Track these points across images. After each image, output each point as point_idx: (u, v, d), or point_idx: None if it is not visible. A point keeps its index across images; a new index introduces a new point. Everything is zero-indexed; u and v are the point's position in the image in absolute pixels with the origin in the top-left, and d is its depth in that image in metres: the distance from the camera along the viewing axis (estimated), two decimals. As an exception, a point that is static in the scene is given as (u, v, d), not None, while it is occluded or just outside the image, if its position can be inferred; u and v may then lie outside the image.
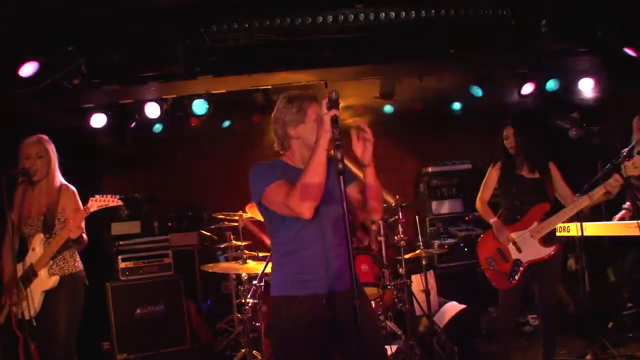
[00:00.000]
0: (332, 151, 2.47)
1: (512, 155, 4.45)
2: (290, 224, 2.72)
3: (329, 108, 2.47)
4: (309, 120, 2.76)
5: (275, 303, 2.81)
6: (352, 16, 4.86)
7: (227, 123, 6.97)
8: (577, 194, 4.31)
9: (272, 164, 2.87)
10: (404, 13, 4.88)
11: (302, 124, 2.79)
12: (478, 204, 4.58)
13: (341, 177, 2.32)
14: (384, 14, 4.88)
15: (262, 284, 4.30)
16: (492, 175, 4.55)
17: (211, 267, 5.28)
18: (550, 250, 4.23)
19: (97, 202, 3.84)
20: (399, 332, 5.07)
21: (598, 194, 4.09)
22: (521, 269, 4.24)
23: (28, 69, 4.68)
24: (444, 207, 7.27)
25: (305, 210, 2.58)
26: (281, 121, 2.82)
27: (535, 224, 4.27)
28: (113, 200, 3.89)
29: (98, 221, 3.99)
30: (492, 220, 4.43)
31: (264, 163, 2.85)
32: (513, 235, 4.31)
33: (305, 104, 2.79)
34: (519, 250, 4.28)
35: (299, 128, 2.80)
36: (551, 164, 4.43)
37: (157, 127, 6.76)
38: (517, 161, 4.43)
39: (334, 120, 2.45)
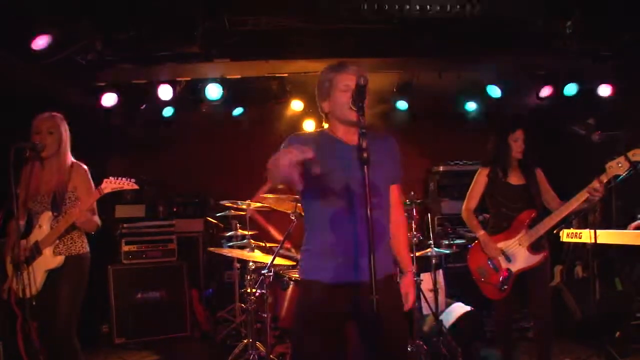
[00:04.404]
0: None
1: (502, 161, 4.34)
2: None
3: (357, 94, 2.39)
4: (336, 92, 2.65)
5: None
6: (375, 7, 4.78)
7: (239, 111, 6.89)
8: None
9: (308, 135, 2.86)
10: (428, 7, 4.80)
11: (330, 97, 2.68)
12: (464, 214, 4.47)
13: (365, 166, 2.25)
14: (407, 6, 4.80)
15: (271, 273, 4.21)
16: (480, 183, 4.44)
17: (218, 250, 5.19)
18: (539, 258, 4.19)
19: (111, 184, 3.74)
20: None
21: (581, 198, 3.97)
22: (511, 278, 4.21)
23: (41, 42, 4.56)
24: (454, 207, 7.16)
25: None
26: (316, 96, 2.76)
27: (523, 231, 4.21)
28: (128, 184, 3.80)
29: (101, 202, 3.90)
30: (479, 233, 4.37)
31: (297, 136, 2.74)
32: (501, 245, 4.27)
33: (332, 75, 2.67)
34: (508, 259, 4.24)
35: (329, 102, 2.71)
36: (537, 170, 4.37)
37: (168, 111, 6.67)
38: (506, 167, 4.33)
39: (361, 108, 2.38)
